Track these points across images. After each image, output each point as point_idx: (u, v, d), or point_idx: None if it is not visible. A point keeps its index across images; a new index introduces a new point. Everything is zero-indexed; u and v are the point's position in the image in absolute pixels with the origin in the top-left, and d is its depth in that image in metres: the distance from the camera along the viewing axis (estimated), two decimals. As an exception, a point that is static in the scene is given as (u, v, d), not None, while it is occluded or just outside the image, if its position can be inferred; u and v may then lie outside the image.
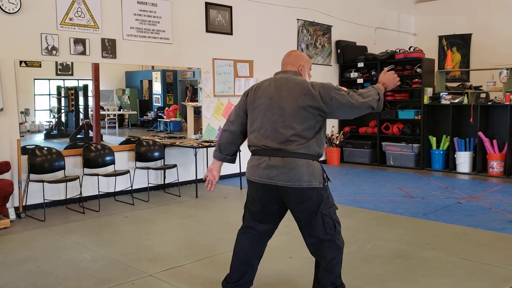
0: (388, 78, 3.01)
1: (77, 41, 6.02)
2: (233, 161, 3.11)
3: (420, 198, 6.31)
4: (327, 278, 2.87)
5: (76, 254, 4.15)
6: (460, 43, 11.13)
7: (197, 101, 7.90)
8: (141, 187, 6.60)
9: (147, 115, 9.07)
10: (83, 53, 6.08)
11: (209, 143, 6.85)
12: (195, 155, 6.61)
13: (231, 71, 7.85)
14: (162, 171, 6.97)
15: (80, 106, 7.82)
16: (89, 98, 7.30)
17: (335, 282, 2.88)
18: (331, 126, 9.68)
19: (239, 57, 7.94)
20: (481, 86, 8.83)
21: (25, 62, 5.74)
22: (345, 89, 2.87)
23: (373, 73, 9.34)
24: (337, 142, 9.52)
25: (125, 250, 4.26)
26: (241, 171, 7.22)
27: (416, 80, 8.89)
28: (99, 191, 6.06)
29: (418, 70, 8.84)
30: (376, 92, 2.90)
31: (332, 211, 2.84)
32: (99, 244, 4.42)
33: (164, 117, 8.73)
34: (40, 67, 5.98)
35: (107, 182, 6.32)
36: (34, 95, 7.58)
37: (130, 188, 6.34)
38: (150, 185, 6.67)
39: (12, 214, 5.23)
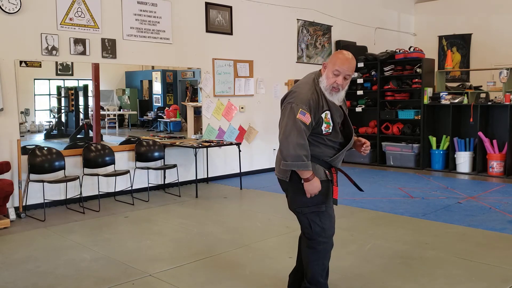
0: (311, 189, 2.79)
1: (77, 41, 6.02)
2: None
3: (420, 198, 6.31)
4: (305, 272, 2.98)
5: (76, 254, 4.15)
6: (460, 43, 11.13)
7: (197, 101, 7.90)
8: (141, 187, 6.60)
9: (147, 115, 9.07)
10: (83, 53, 6.08)
11: (209, 143, 6.85)
12: (195, 155, 6.61)
13: (231, 71, 7.84)
14: (162, 171, 6.97)
15: (80, 106, 7.82)
16: (89, 98, 7.31)
17: (310, 280, 2.95)
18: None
19: (239, 57, 7.94)
20: (481, 86, 8.83)
21: (25, 62, 5.74)
22: (300, 118, 2.68)
23: (373, 73, 9.34)
24: (337, 142, 9.51)
25: (125, 250, 4.26)
26: (241, 171, 7.23)
27: (416, 80, 8.88)
28: (99, 191, 6.06)
29: (418, 70, 8.84)
30: (299, 162, 2.69)
31: (308, 211, 2.85)
32: (99, 244, 4.42)
33: (164, 117, 8.72)
34: (40, 67, 5.98)
35: (107, 182, 6.32)
36: (34, 95, 7.58)
37: (130, 188, 6.34)
38: (150, 185, 6.67)
39: (12, 214, 5.23)
